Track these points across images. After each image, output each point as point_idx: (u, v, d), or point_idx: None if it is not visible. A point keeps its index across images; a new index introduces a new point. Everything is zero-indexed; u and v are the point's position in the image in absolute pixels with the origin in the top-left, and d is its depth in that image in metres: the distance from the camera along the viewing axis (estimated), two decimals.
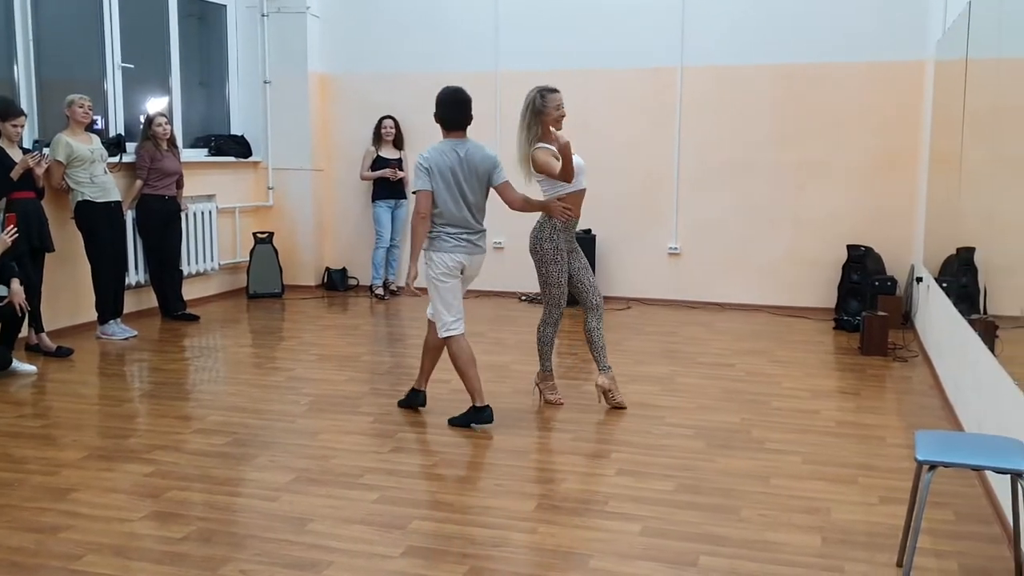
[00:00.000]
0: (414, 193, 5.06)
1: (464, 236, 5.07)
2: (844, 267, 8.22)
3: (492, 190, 5.18)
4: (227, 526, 3.79)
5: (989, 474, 4.07)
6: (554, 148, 5.16)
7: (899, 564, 3.41)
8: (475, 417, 5.11)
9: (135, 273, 8.02)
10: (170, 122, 7.95)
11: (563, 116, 5.32)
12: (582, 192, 5.39)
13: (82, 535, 3.68)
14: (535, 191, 5.39)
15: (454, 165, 4.99)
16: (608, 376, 5.47)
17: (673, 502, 4.06)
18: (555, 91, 5.32)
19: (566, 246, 5.39)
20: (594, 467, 4.51)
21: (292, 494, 4.13)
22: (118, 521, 3.82)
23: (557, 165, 5.16)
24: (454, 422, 5.16)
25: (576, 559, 3.51)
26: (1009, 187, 4.17)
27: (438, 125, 5.13)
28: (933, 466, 3.06)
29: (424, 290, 5.24)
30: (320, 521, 3.83)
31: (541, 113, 5.27)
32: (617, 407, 5.48)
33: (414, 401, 5.45)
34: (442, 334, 5.13)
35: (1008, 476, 3.14)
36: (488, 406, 5.13)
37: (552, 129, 5.17)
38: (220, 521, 3.84)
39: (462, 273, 5.15)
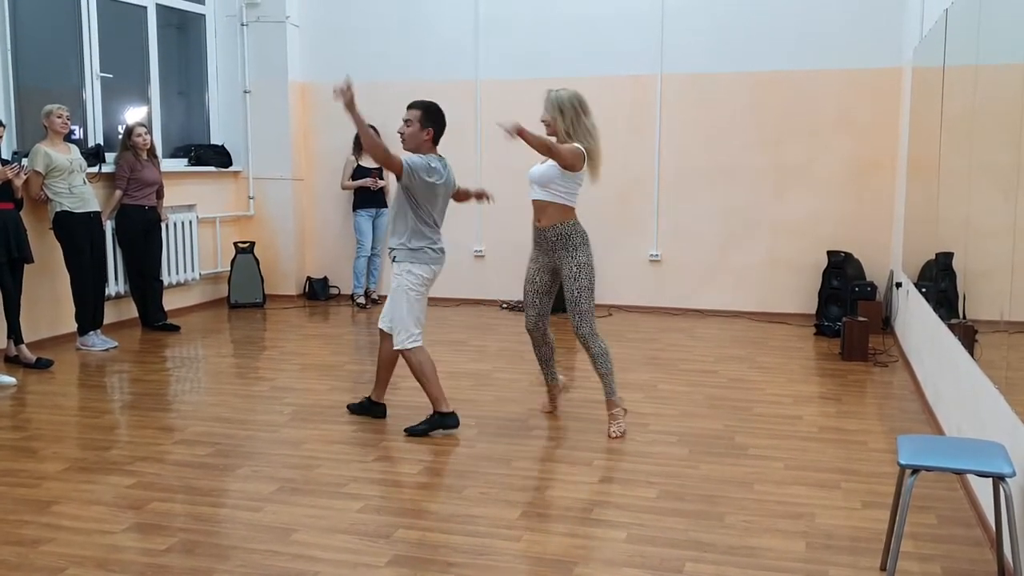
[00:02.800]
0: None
1: (439, 247, 5.17)
2: (824, 273, 8.27)
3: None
4: (210, 537, 3.77)
5: (971, 478, 4.09)
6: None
7: (883, 568, 3.43)
8: (441, 422, 5.15)
9: (115, 284, 7.98)
10: (149, 132, 7.91)
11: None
12: None
13: (64, 548, 3.65)
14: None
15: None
16: None
17: (657, 509, 4.06)
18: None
19: None
20: (578, 474, 4.51)
21: (276, 504, 4.11)
22: (100, 533, 3.79)
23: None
24: (413, 431, 5.14)
25: (561, 567, 3.51)
26: (986, 192, 4.21)
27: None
28: (916, 470, 3.08)
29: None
30: (304, 531, 3.82)
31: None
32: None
33: (373, 412, 5.45)
34: (408, 345, 5.09)
35: (990, 479, 3.16)
36: (454, 412, 5.19)
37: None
38: (203, 532, 3.82)
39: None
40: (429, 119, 5.08)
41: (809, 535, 3.78)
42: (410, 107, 5.13)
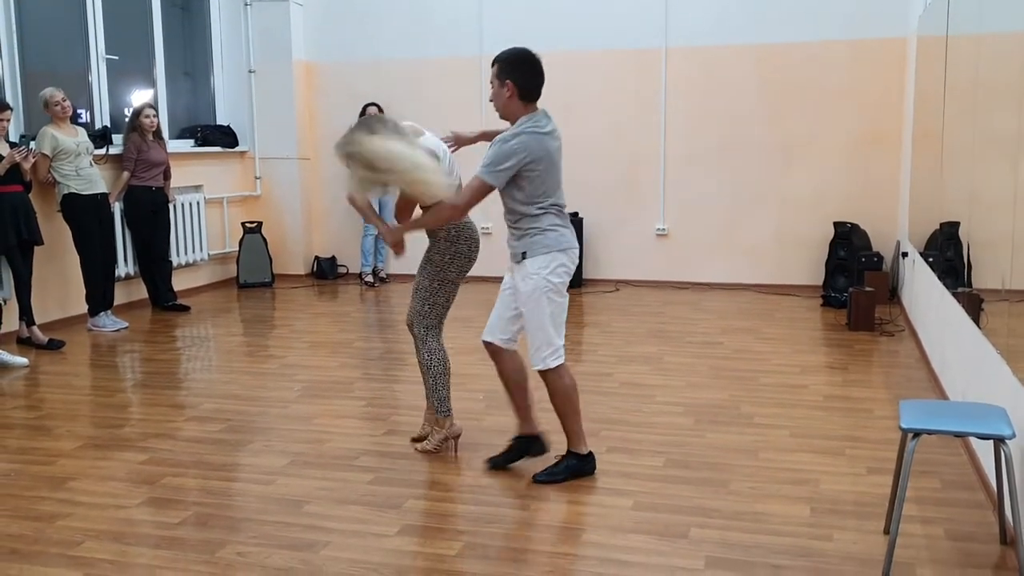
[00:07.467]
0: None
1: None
2: (831, 244, 8.28)
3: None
4: (223, 510, 3.83)
5: (973, 441, 4.13)
6: None
7: (886, 531, 3.47)
8: (579, 467, 4.12)
9: (124, 265, 8.03)
10: (156, 113, 7.93)
11: None
12: None
13: (80, 522, 3.71)
14: None
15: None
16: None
17: (663, 477, 4.11)
18: None
19: None
20: None
21: (287, 477, 4.17)
22: (115, 508, 3.85)
23: None
24: (540, 478, 4.06)
25: (569, 533, 3.56)
26: (991, 161, 4.22)
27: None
28: (917, 434, 3.12)
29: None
30: (316, 503, 3.87)
31: None
32: None
33: (530, 450, 4.26)
34: (552, 364, 4.00)
35: (991, 442, 3.19)
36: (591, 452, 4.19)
37: None
38: (216, 505, 3.88)
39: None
40: (506, 71, 4.03)
41: (814, 500, 3.82)
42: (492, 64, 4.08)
